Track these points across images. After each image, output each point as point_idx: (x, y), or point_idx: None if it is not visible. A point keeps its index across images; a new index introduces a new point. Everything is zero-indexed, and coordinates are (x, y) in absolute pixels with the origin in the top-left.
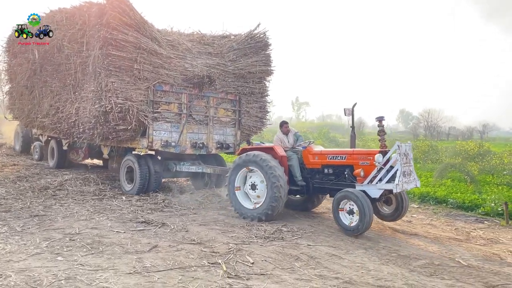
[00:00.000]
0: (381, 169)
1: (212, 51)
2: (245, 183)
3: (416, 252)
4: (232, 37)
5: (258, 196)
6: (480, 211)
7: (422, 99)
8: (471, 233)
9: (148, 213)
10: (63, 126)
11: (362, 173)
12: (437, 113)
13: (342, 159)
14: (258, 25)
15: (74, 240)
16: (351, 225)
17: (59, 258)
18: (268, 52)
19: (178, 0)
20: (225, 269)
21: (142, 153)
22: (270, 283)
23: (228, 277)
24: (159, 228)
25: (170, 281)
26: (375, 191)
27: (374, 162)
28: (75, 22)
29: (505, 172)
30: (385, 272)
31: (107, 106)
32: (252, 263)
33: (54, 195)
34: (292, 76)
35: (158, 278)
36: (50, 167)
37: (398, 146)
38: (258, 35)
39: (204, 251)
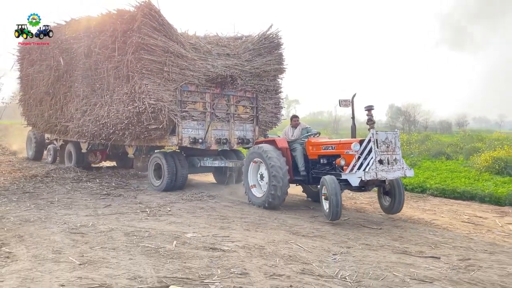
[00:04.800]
0: (360, 157)
1: (229, 52)
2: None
3: (287, 205)
4: (244, 38)
5: (265, 185)
6: None
7: (409, 94)
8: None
9: (112, 189)
10: (90, 129)
11: (342, 162)
12: (415, 108)
13: (332, 149)
14: (271, 26)
15: (53, 203)
16: (326, 210)
17: (42, 211)
18: (280, 51)
19: (180, 4)
20: (148, 212)
21: (169, 150)
22: (172, 217)
23: (148, 216)
24: (116, 197)
25: (109, 218)
26: (354, 179)
27: (351, 151)
28: (105, 29)
29: (412, 155)
30: (252, 212)
31: (141, 107)
32: (169, 210)
33: (41, 180)
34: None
35: (102, 217)
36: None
37: (372, 134)
38: (271, 35)
39: (141, 206)
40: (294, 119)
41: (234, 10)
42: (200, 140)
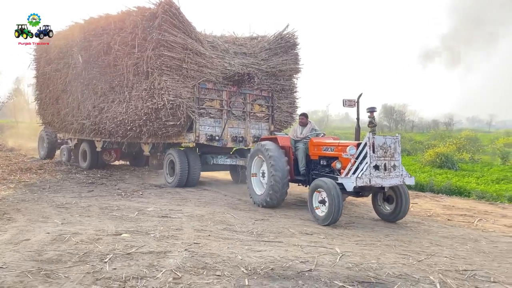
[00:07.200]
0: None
1: (246, 51)
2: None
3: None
4: (260, 38)
5: (265, 183)
6: None
7: (401, 95)
8: None
9: (97, 179)
10: (107, 126)
11: (338, 165)
12: (404, 107)
13: (331, 150)
14: (287, 26)
15: (45, 189)
16: (320, 214)
17: (35, 194)
18: (296, 51)
19: (196, 3)
20: (123, 195)
21: (184, 147)
22: (141, 198)
23: (122, 198)
24: (99, 185)
25: (90, 199)
26: (349, 184)
27: (346, 155)
28: (125, 26)
29: None
30: (209, 195)
31: (159, 103)
32: (141, 194)
33: (35, 172)
34: None
35: (85, 198)
36: (84, 168)
37: (369, 138)
38: (287, 35)
39: (119, 191)
40: (301, 118)
41: (246, 11)
42: (217, 138)
